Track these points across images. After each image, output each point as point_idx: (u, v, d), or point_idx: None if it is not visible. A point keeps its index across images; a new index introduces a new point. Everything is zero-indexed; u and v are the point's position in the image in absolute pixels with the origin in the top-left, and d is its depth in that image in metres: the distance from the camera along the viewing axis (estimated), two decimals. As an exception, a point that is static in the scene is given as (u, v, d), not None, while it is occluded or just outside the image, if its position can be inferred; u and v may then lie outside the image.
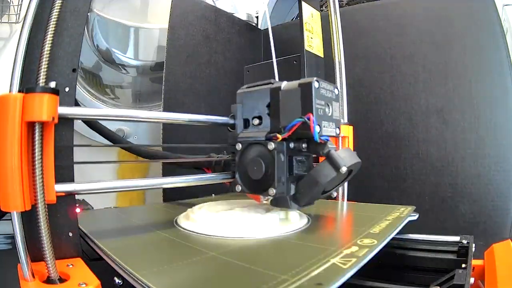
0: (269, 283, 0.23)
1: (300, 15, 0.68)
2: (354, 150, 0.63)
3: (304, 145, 0.38)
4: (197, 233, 0.37)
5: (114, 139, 0.52)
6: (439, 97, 0.68)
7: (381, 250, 0.31)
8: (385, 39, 0.75)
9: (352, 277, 0.25)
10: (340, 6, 0.69)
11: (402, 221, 0.41)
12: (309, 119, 0.34)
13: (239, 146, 0.41)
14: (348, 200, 0.62)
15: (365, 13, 0.79)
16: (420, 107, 0.70)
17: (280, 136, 0.36)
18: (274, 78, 0.56)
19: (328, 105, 0.37)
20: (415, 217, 0.46)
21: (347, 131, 0.63)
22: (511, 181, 0.62)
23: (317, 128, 0.35)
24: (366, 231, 0.36)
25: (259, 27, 1.00)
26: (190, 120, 0.42)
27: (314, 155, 0.41)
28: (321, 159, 0.39)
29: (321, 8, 0.83)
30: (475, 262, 0.39)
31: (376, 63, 0.75)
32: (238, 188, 0.41)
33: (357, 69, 0.77)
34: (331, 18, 0.67)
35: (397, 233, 0.38)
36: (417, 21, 0.72)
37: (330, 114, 0.37)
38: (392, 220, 0.41)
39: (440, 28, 0.69)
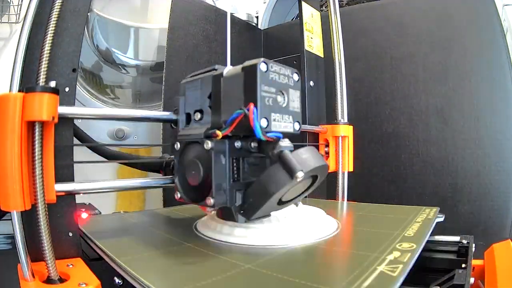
0: None
1: (300, 15, 0.68)
2: (354, 150, 0.64)
3: (253, 144, 0.31)
4: (221, 241, 0.34)
5: (82, 138, 0.49)
6: (439, 97, 0.68)
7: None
8: (385, 39, 0.75)
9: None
10: (340, 6, 0.69)
11: (432, 222, 0.40)
12: (248, 110, 0.27)
13: (177, 146, 0.35)
14: (348, 200, 0.62)
15: (365, 13, 0.79)
16: (420, 107, 0.70)
17: (220, 133, 0.30)
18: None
19: (282, 94, 0.30)
20: (441, 218, 0.44)
21: (347, 131, 0.63)
22: (511, 181, 0.62)
23: (264, 122, 0.28)
24: (401, 235, 0.34)
25: (259, 27, 1.00)
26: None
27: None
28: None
29: (321, 8, 0.83)
30: (475, 262, 0.39)
31: (376, 63, 0.75)
32: (177, 195, 0.35)
33: (357, 69, 0.77)
34: (331, 18, 0.67)
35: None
36: (417, 21, 0.72)
37: (284, 105, 0.31)
38: (421, 222, 0.40)
39: (440, 28, 0.69)
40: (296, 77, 0.32)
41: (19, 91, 0.29)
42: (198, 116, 0.34)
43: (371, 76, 0.76)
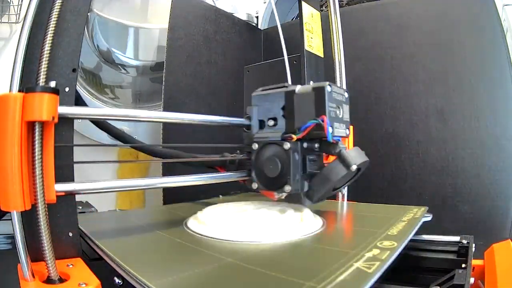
0: None
1: (300, 15, 0.68)
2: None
3: (316, 145, 0.41)
4: (209, 236, 0.36)
5: (125, 139, 0.51)
6: (439, 97, 0.68)
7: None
8: (385, 39, 0.75)
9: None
10: (340, 6, 0.69)
11: (418, 222, 0.41)
12: (323, 121, 0.37)
13: (255, 146, 0.43)
14: (348, 200, 0.62)
15: (365, 13, 0.79)
16: (420, 107, 0.70)
17: (295, 137, 0.39)
18: (285, 80, 0.58)
19: (339, 108, 0.40)
20: (429, 217, 0.45)
21: (347, 131, 0.63)
22: (511, 181, 0.62)
23: (330, 129, 0.37)
24: (384, 233, 0.36)
25: (259, 27, 1.00)
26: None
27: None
28: (326, 158, 0.42)
29: (321, 8, 0.83)
30: (475, 262, 0.39)
31: (376, 63, 0.75)
32: (255, 185, 0.43)
33: (357, 69, 0.77)
34: (331, 18, 0.67)
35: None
36: (417, 21, 0.72)
37: (341, 116, 0.40)
38: (407, 221, 0.41)
39: (440, 28, 0.69)
40: (346, 94, 0.42)
41: (19, 91, 0.29)
42: (271, 122, 0.43)
43: (371, 76, 0.76)
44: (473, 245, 0.42)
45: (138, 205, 0.95)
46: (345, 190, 0.62)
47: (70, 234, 0.34)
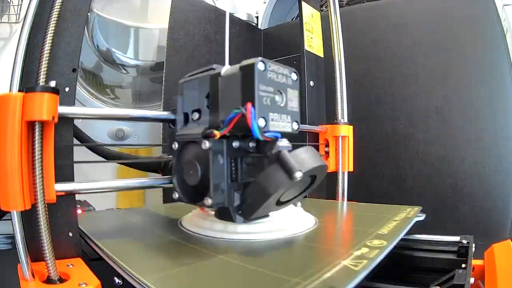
0: (281, 287, 0.23)
1: (300, 15, 0.68)
2: (354, 150, 0.64)
3: (251, 144, 0.32)
4: (202, 235, 0.36)
5: (81, 138, 0.49)
6: (439, 97, 0.68)
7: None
8: (385, 39, 0.75)
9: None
10: (340, 6, 0.69)
11: (410, 221, 0.40)
12: (246, 109, 0.27)
13: (175, 146, 0.35)
14: (348, 200, 0.62)
15: (365, 13, 0.79)
16: (420, 107, 0.70)
17: (217, 133, 0.30)
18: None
19: (280, 93, 0.30)
20: (422, 217, 0.45)
21: (347, 131, 0.63)
22: (511, 181, 0.62)
23: (262, 122, 0.28)
24: (375, 232, 0.35)
25: (259, 27, 1.00)
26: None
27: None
28: (326, 158, 0.37)
29: (321, 8, 0.83)
30: (475, 262, 0.39)
31: (376, 63, 0.75)
32: (175, 195, 0.35)
33: (357, 69, 0.77)
34: (331, 18, 0.67)
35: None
36: (417, 21, 0.72)
37: (283, 105, 0.30)
38: (399, 220, 0.41)
39: (440, 28, 0.69)
40: (294, 76, 0.32)
41: (19, 91, 0.29)
42: (196, 116, 0.34)
43: (371, 76, 0.76)
44: (473, 245, 0.42)
45: (138, 205, 0.95)
46: (345, 190, 0.62)
47: (70, 234, 0.34)
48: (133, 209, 0.59)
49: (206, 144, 0.30)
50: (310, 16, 0.70)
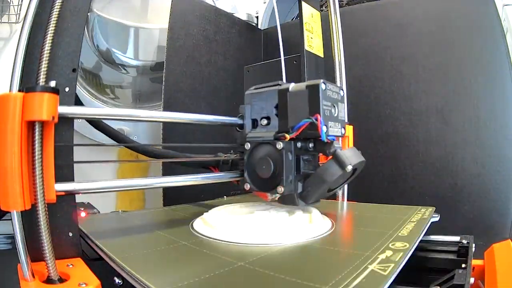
0: None
1: (300, 15, 0.68)
2: (354, 150, 0.64)
3: (311, 145, 0.39)
4: (215, 239, 0.35)
5: (119, 138, 0.52)
6: (439, 97, 0.68)
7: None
8: (385, 39, 0.75)
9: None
10: (340, 6, 0.69)
11: (427, 222, 0.40)
12: (316, 119, 0.35)
13: (248, 146, 0.42)
14: (348, 200, 0.62)
15: (365, 13, 0.79)
16: (420, 107, 0.70)
17: (288, 136, 0.37)
18: (281, 79, 0.56)
19: (334, 106, 0.38)
20: (437, 218, 0.45)
21: (347, 130, 0.63)
22: (511, 181, 0.62)
23: (324, 129, 0.36)
24: (395, 234, 0.35)
25: (259, 27, 1.00)
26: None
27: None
28: (325, 158, 0.40)
29: (321, 8, 0.83)
30: (475, 262, 0.39)
31: (376, 63, 0.75)
32: (247, 186, 0.42)
33: (357, 69, 0.77)
34: (331, 18, 0.67)
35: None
36: (417, 21, 0.72)
37: (336, 115, 0.38)
38: (416, 221, 0.40)
39: (440, 28, 0.69)
40: (342, 93, 0.40)
41: (19, 91, 0.29)
42: (264, 122, 0.41)
43: (371, 76, 0.76)
44: (473, 245, 0.42)
45: (138, 205, 0.95)
46: (345, 190, 0.62)
47: (70, 234, 0.34)
48: (137, 212, 0.59)
49: (281, 145, 0.38)
50: (310, 16, 0.70)
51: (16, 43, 0.30)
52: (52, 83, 0.30)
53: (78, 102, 0.50)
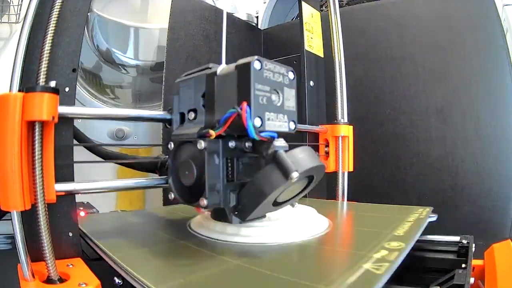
0: None
1: (300, 15, 0.68)
2: (354, 150, 0.64)
3: (247, 144, 0.31)
4: (214, 238, 0.35)
5: (79, 138, 0.48)
6: (439, 97, 0.68)
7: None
8: (385, 39, 0.75)
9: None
10: (340, 6, 0.69)
11: (424, 222, 0.40)
12: (241, 108, 0.27)
13: (171, 145, 0.35)
14: (348, 200, 0.62)
15: (365, 13, 0.79)
16: (420, 107, 0.70)
17: (213, 133, 0.29)
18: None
19: (276, 92, 0.30)
20: (434, 218, 0.45)
21: (347, 131, 0.63)
22: (511, 181, 0.62)
23: (258, 121, 0.28)
24: (391, 234, 0.35)
25: (259, 27, 1.00)
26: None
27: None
28: (326, 158, 0.37)
29: (321, 8, 0.83)
30: (475, 262, 0.39)
31: (376, 63, 0.75)
32: (171, 196, 0.35)
33: (357, 69, 0.77)
34: (331, 18, 0.67)
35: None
36: (417, 21, 0.72)
37: (279, 104, 0.30)
38: (413, 221, 0.40)
39: (440, 28, 0.69)
40: (291, 75, 0.31)
41: (19, 91, 0.29)
42: (192, 115, 0.33)
43: (371, 76, 0.76)
44: (473, 245, 0.42)
45: (138, 205, 0.95)
46: (345, 190, 0.62)
47: (70, 234, 0.34)
48: (136, 212, 0.59)
49: (202, 144, 0.30)
50: (310, 16, 0.70)
51: (16, 43, 0.31)
52: (52, 83, 0.30)
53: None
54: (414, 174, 0.70)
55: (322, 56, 0.72)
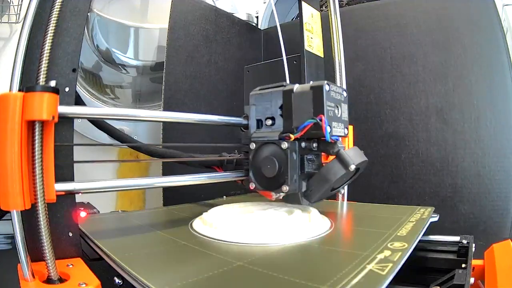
0: None
1: (300, 15, 0.68)
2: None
3: (314, 145, 0.40)
4: (215, 238, 0.36)
5: (123, 139, 0.52)
6: (439, 97, 0.68)
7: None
8: (385, 39, 0.75)
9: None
10: (340, 6, 0.69)
11: (426, 222, 0.40)
12: (321, 120, 0.36)
13: (253, 145, 0.42)
14: (348, 200, 0.62)
15: (365, 13, 0.79)
16: (420, 107, 0.70)
17: (292, 136, 0.38)
18: (283, 79, 0.57)
19: (337, 107, 0.39)
20: (436, 218, 0.45)
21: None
22: (511, 181, 0.62)
23: (328, 129, 0.37)
24: (394, 234, 0.35)
25: (259, 27, 1.00)
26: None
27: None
28: (326, 158, 0.42)
29: (321, 8, 0.83)
30: (475, 262, 0.39)
31: (376, 63, 0.75)
32: (252, 185, 0.42)
33: (357, 69, 0.77)
34: (331, 18, 0.67)
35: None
36: (417, 21, 0.72)
37: (339, 115, 0.40)
38: (415, 221, 0.40)
39: (440, 28, 0.69)
40: (345, 94, 0.41)
41: (19, 90, 0.29)
42: (269, 122, 0.42)
43: (371, 76, 0.76)
44: (473, 245, 0.42)
45: (138, 205, 0.95)
46: (345, 190, 0.62)
47: (70, 234, 0.34)
48: (136, 212, 0.59)
49: (285, 144, 0.38)
50: (310, 16, 0.70)
51: (16, 43, 0.31)
52: (52, 83, 0.30)
53: (80, 102, 0.50)
54: (414, 174, 0.70)
55: (322, 56, 0.72)
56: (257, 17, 1.03)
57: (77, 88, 0.42)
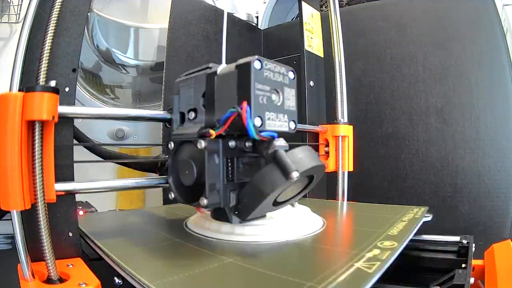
0: None
1: (300, 15, 0.68)
2: (354, 150, 0.64)
3: (248, 144, 0.31)
4: (208, 236, 0.36)
5: (77, 136, 0.48)
6: (439, 97, 0.68)
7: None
8: (385, 39, 0.75)
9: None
10: (340, 6, 0.69)
11: (418, 222, 0.40)
12: (242, 108, 0.27)
13: (171, 145, 0.34)
14: (348, 200, 0.62)
15: (365, 13, 0.79)
16: (420, 107, 0.70)
17: (213, 133, 0.29)
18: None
19: (277, 92, 0.30)
20: (429, 218, 0.45)
21: (347, 131, 0.63)
22: (511, 181, 0.62)
23: (258, 121, 0.27)
24: (385, 233, 0.35)
25: (259, 27, 1.00)
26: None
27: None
28: (326, 158, 0.37)
29: (321, 8, 0.83)
30: (475, 262, 0.39)
31: (376, 63, 0.75)
32: (171, 195, 0.34)
33: (357, 69, 0.77)
34: (331, 18, 0.67)
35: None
36: (417, 21, 0.72)
37: (279, 103, 0.30)
38: (407, 221, 0.40)
39: (440, 28, 0.69)
40: (291, 75, 0.31)
41: (19, 90, 0.29)
42: (192, 115, 0.33)
43: (371, 76, 0.76)
44: (473, 245, 0.42)
45: (138, 205, 0.95)
46: (345, 190, 0.62)
47: (70, 234, 0.34)
48: (134, 211, 0.59)
49: (202, 144, 0.30)
50: (310, 16, 0.70)
51: (16, 43, 0.31)
52: (52, 83, 0.30)
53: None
54: (414, 174, 0.70)
55: (322, 56, 0.72)
56: (257, 17, 1.03)
57: (77, 88, 0.42)
